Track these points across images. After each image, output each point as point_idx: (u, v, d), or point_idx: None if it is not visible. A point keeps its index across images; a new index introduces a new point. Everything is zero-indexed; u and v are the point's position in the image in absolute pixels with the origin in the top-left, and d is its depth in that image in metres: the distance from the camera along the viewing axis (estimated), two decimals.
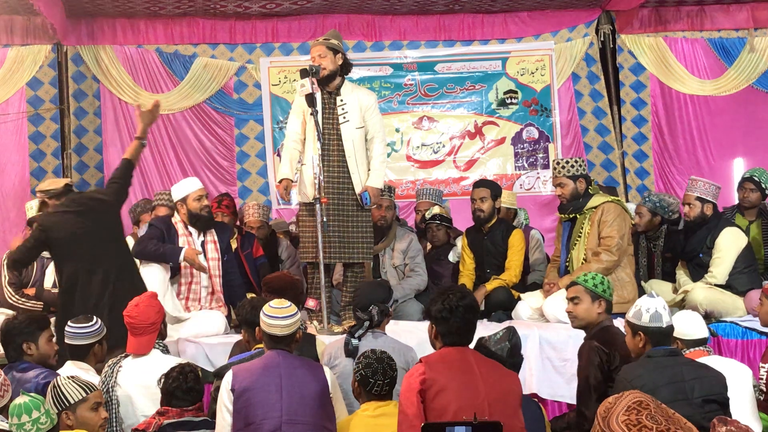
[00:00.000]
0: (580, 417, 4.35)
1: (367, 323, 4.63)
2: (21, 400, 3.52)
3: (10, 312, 5.65)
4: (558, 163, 6.15)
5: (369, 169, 6.06)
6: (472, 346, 3.90)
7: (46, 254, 6.09)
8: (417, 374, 3.64)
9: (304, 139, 6.08)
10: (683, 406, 3.73)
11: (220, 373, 4.32)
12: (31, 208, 6.46)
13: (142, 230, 6.70)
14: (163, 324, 4.82)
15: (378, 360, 4.05)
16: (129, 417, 4.47)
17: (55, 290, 6.05)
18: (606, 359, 4.26)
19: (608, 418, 2.60)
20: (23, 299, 6.01)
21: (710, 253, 6.17)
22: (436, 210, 7.01)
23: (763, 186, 6.70)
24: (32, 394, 3.62)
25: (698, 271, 6.26)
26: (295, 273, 6.93)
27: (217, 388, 4.16)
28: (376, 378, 4.02)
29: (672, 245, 6.64)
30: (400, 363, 4.34)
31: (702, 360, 4.22)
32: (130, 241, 6.45)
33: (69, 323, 4.72)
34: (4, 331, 4.59)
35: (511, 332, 4.37)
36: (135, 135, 5.68)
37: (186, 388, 4.09)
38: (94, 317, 4.81)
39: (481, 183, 6.73)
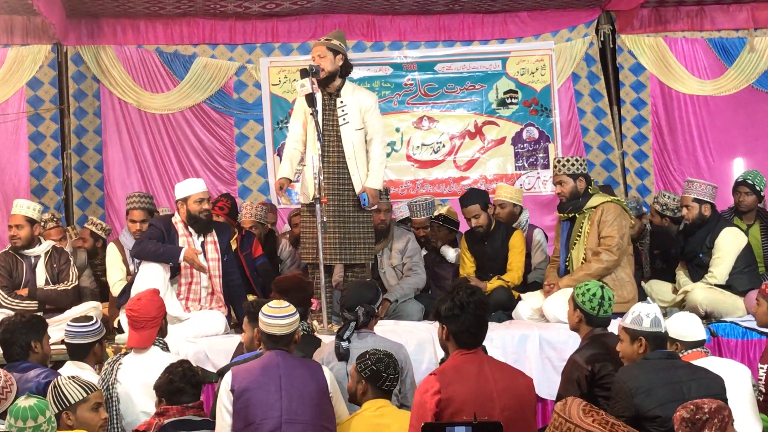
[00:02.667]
0: None
1: (353, 324, 4.62)
2: (26, 403, 3.47)
3: (9, 312, 5.63)
4: (559, 161, 6.15)
5: (368, 171, 6.06)
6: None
7: (32, 252, 6.08)
8: (432, 392, 3.55)
9: (306, 139, 6.10)
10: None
11: (223, 372, 4.32)
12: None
13: (124, 234, 6.70)
14: (164, 321, 4.83)
15: (387, 355, 4.12)
16: (129, 414, 4.47)
17: (48, 287, 6.04)
18: (590, 372, 4.23)
19: None
20: (17, 300, 5.98)
21: (710, 253, 6.17)
22: (444, 210, 7.00)
23: (758, 188, 6.71)
24: (38, 396, 3.58)
25: (698, 272, 6.26)
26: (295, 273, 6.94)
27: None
28: (389, 372, 4.07)
29: (660, 242, 6.69)
30: None
31: (700, 361, 4.22)
32: (130, 241, 6.47)
33: (69, 323, 4.73)
34: (10, 330, 4.57)
35: None
36: None
37: (195, 382, 4.10)
38: (94, 317, 4.82)
39: (467, 200, 6.59)
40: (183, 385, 4.06)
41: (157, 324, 4.72)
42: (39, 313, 5.44)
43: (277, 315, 4.11)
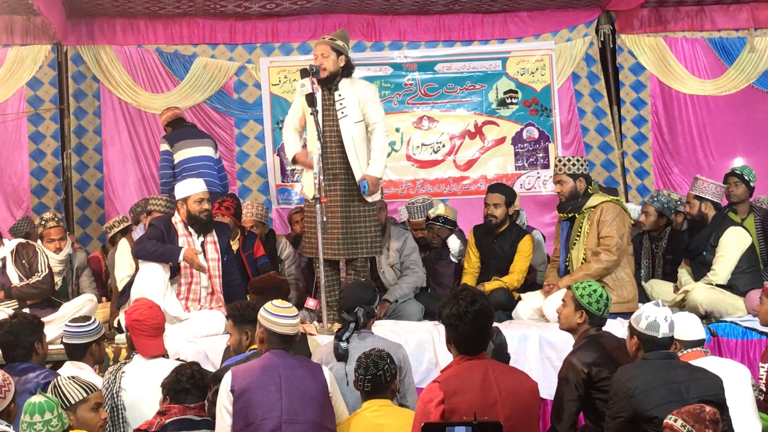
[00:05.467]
0: None
1: (352, 325, 4.61)
2: (36, 399, 3.50)
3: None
4: (560, 161, 6.14)
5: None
6: None
7: None
8: (436, 402, 3.53)
9: (302, 133, 6.11)
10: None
11: (218, 376, 4.31)
12: None
13: (137, 231, 6.69)
14: None
15: (366, 356, 4.12)
16: (137, 422, 4.42)
17: (22, 283, 6.00)
18: (587, 376, 4.22)
19: None
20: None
21: (714, 251, 6.16)
22: (441, 210, 6.97)
23: (747, 178, 6.71)
24: (48, 395, 3.60)
25: (701, 270, 6.24)
26: (295, 273, 6.94)
27: (216, 391, 4.15)
28: (358, 373, 4.08)
29: (674, 246, 6.64)
30: None
31: (699, 361, 4.22)
32: (126, 244, 6.46)
33: (68, 322, 4.72)
34: (13, 332, 4.54)
35: (495, 331, 4.40)
36: None
37: (201, 385, 4.10)
38: (92, 317, 4.81)
39: (495, 188, 6.67)
40: (189, 386, 4.06)
41: (163, 330, 4.75)
42: (35, 312, 5.41)
43: (289, 315, 4.10)
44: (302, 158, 6.08)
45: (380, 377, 4.05)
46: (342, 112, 5.96)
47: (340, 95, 5.98)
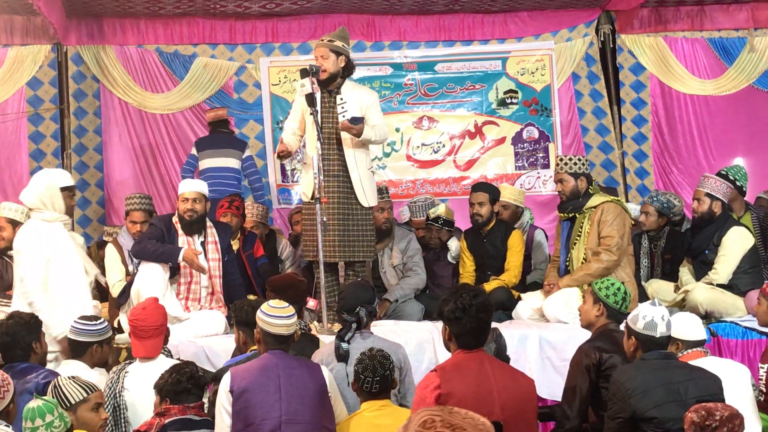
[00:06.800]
0: (562, 416, 4.38)
1: (354, 325, 4.61)
2: (34, 404, 3.50)
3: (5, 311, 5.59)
4: (561, 159, 6.13)
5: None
6: None
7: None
8: (432, 387, 3.58)
9: (302, 136, 6.10)
10: (677, 407, 3.73)
11: (218, 377, 4.31)
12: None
13: (122, 236, 6.68)
14: (168, 327, 4.82)
15: (370, 357, 4.09)
16: (138, 421, 4.43)
17: None
18: (597, 361, 4.25)
19: None
20: (5, 300, 5.93)
21: (716, 250, 6.16)
22: (441, 211, 6.98)
23: (732, 178, 6.69)
24: (46, 397, 3.60)
25: (702, 269, 6.24)
26: (295, 273, 6.94)
27: (216, 392, 4.15)
28: (366, 374, 4.05)
29: (673, 246, 6.64)
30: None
31: (699, 361, 4.23)
32: (128, 242, 6.45)
33: (76, 319, 4.71)
34: (11, 333, 4.53)
35: (496, 333, 4.45)
36: None
37: (201, 384, 4.10)
38: (101, 318, 4.80)
39: (479, 187, 6.72)
40: (190, 386, 4.06)
41: (163, 332, 4.72)
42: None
43: (283, 315, 4.10)
44: (281, 146, 6.02)
45: (387, 377, 4.08)
46: (343, 116, 5.95)
47: (341, 99, 5.98)
